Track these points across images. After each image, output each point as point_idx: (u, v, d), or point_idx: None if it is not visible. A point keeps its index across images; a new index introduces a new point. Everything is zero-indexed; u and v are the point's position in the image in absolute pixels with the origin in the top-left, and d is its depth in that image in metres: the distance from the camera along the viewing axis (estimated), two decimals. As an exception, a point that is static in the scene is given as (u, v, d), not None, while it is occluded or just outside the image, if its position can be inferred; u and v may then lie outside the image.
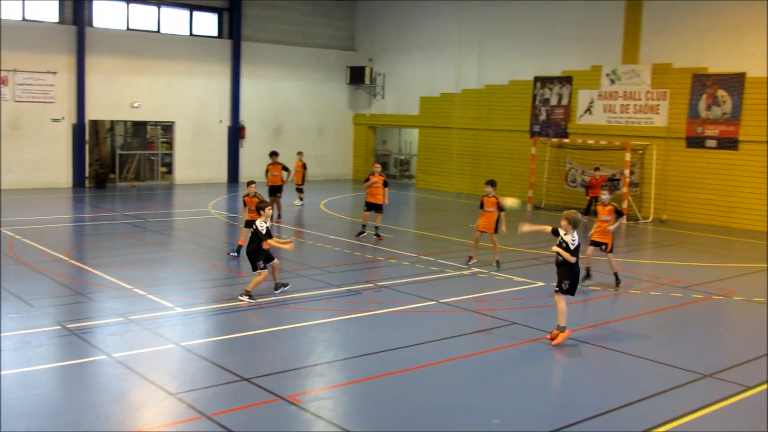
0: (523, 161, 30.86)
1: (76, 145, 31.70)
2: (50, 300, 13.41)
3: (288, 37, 37.85)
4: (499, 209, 17.24)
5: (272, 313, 13.11)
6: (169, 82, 34.17)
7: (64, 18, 31.50)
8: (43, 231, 20.64)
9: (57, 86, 31.22)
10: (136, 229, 21.58)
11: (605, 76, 28.77)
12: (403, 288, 15.08)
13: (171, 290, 14.38)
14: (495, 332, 12.26)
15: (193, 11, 35.16)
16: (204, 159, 35.58)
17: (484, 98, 33.39)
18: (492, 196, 17.40)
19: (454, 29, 34.55)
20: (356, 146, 40.42)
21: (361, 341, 11.69)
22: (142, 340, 11.35)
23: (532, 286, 15.59)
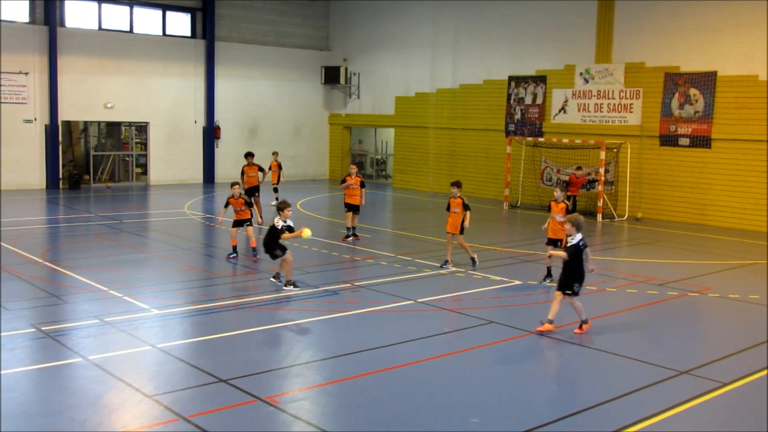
0: (499, 160, 30.96)
1: (49, 146, 31.42)
2: (25, 302, 13.27)
3: (262, 37, 37.74)
4: (464, 209, 17.10)
5: (249, 314, 13.05)
6: (143, 82, 33.95)
7: (36, 18, 31.20)
8: (17, 233, 20.43)
9: (29, 87, 30.92)
10: (111, 231, 21.42)
11: (579, 75, 28.94)
12: (380, 288, 15.08)
13: (147, 292, 14.29)
14: (472, 331, 12.29)
15: (166, 11, 34.95)
16: (179, 160, 35.39)
17: (459, 98, 33.46)
18: (458, 197, 17.24)
19: (428, 29, 34.61)
20: (332, 146, 40.38)
21: (338, 341, 11.67)
22: (118, 342, 11.25)
23: (509, 285, 15.64)
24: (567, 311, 13.78)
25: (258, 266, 17.09)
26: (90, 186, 33.08)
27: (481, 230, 23.64)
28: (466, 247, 17.49)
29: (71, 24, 32.22)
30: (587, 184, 27.25)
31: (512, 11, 31.23)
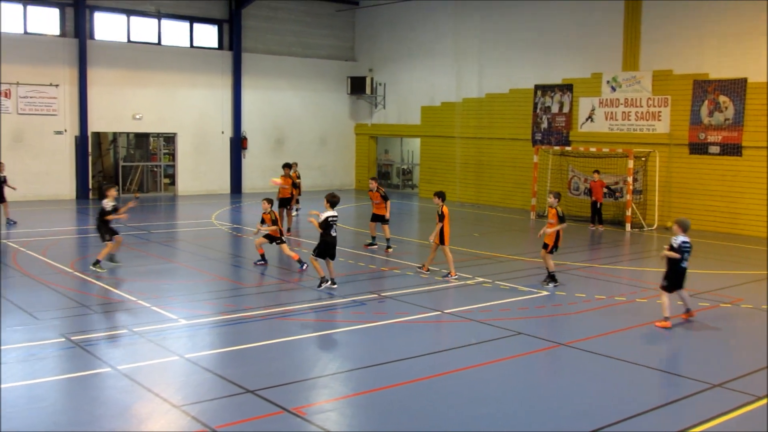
0: (526, 169, 30.82)
1: (79, 157, 31.73)
2: (55, 312, 13.37)
3: (288, 47, 37.90)
4: (439, 219, 16.98)
5: (277, 325, 13.05)
6: (171, 93, 34.21)
7: (66, 31, 31.56)
8: (48, 243, 20.62)
9: (59, 99, 31.27)
10: (140, 241, 21.55)
11: (606, 83, 28.77)
12: (407, 298, 15.03)
13: (175, 302, 14.34)
14: (500, 342, 12.19)
15: (193, 23, 35.21)
16: (206, 170, 35.59)
17: (485, 107, 33.38)
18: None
19: (453, 38, 34.59)
20: (358, 156, 40.43)
21: (365, 352, 11.63)
22: (146, 352, 11.30)
23: (537, 296, 15.52)
24: (589, 321, 13.66)
25: (286, 276, 17.11)
26: (119, 196, 33.30)
27: (509, 240, 23.55)
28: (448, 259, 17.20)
29: (100, 36, 32.55)
30: (612, 193, 27.05)
31: (538, 19, 31.13)
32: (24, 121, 30.53)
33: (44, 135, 31.09)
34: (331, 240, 15.43)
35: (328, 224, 15.35)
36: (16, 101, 30.28)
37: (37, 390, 9.59)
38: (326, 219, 15.35)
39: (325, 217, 15.35)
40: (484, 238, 23.75)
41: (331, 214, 15.43)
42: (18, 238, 21.31)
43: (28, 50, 30.54)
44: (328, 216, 15.39)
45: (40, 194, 30.98)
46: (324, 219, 15.33)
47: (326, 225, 15.35)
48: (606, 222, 26.98)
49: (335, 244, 15.61)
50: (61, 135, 31.48)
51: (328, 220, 15.36)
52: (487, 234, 24.74)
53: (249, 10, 36.05)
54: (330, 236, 15.37)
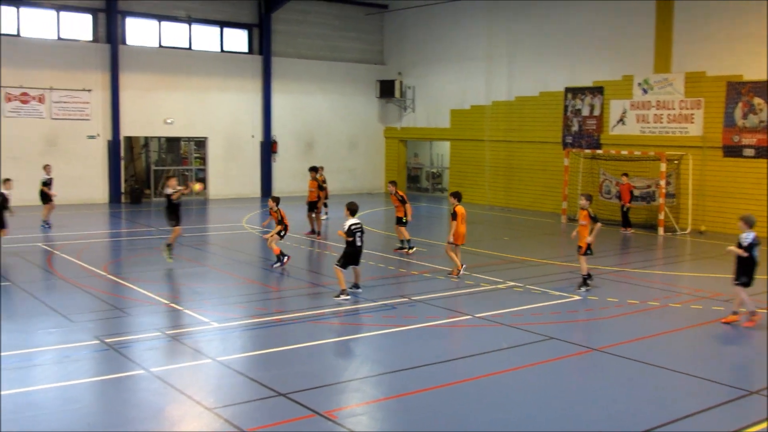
0: (557, 173, 30.65)
1: (111, 162, 32.05)
2: (89, 315, 13.52)
3: (317, 51, 38.04)
4: (452, 218, 17.46)
5: (308, 328, 13.08)
6: (202, 98, 34.46)
7: (98, 36, 31.91)
8: (81, 246, 20.84)
9: (92, 103, 31.62)
10: (171, 245, 21.68)
11: (637, 85, 28.53)
12: (437, 302, 15.00)
13: (207, 305, 14.43)
14: (532, 347, 12.13)
15: (224, 28, 35.45)
16: (237, 174, 35.79)
17: (515, 110, 33.26)
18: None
19: (483, 41, 34.50)
20: (388, 159, 40.44)
21: (396, 356, 11.62)
22: (179, 355, 11.38)
23: (569, 300, 15.42)
24: (623, 326, 13.54)
25: (316, 279, 17.16)
26: (151, 200, 33.61)
27: (539, 244, 23.43)
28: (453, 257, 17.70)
29: (132, 42, 32.88)
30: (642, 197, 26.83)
31: (568, 22, 30.96)
32: (58, 125, 30.91)
33: (77, 139, 31.44)
34: (357, 249, 15.12)
35: (352, 232, 15.03)
36: (50, 106, 30.67)
37: (71, 392, 9.70)
38: (350, 227, 15.05)
39: (348, 226, 15.06)
40: (514, 241, 23.66)
41: (353, 222, 15.14)
42: (53, 241, 21.56)
43: (62, 56, 30.93)
44: (351, 224, 15.09)
45: (74, 198, 31.31)
46: (348, 227, 15.04)
47: (350, 233, 15.03)
48: (638, 226, 26.79)
49: (360, 252, 15.30)
50: (94, 139, 31.82)
51: (352, 228, 15.06)
52: (518, 238, 24.64)
53: (279, 14, 36.22)
54: (355, 246, 15.06)
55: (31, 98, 30.28)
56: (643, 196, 27.20)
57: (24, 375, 10.32)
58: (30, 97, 30.23)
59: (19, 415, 8.86)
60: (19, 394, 9.54)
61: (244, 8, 35.71)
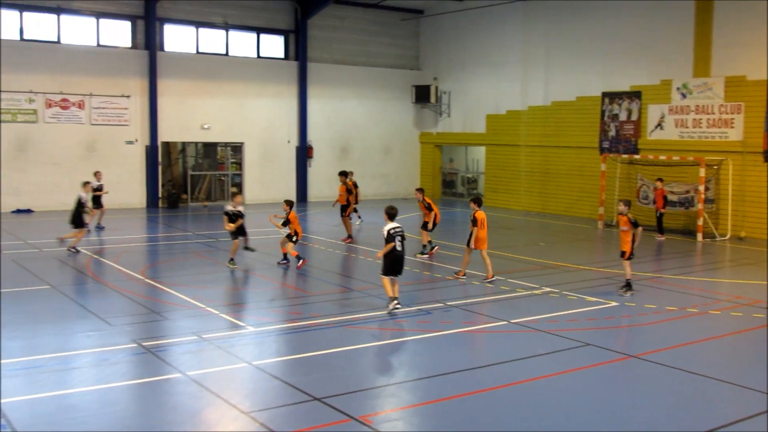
0: (593, 178, 30.40)
1: (149, 167, 32.40)
2: (127, 318, 13.66)
3: (353, 57, 38.15)
4: (473, 224, 17.73)
5: (343, 333, 13.09)
6: (238, 103, 34.72)
7: (137, 43, 32.30)
8: (119, 251, 21.08)
9: (130, 109, 32.01)
10: (208, 249, 21.88)
11: (676, 90, 28.23)
12: (473, 308, 14.95)
13: (243, 309, 14.51)
14: (568, 353, 12.03)
15: (260, 34, 35.68)
16: (273, 179, 35.98)
17: (551, 115, 33.08)
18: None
19: (519, 46, 34.37)
20: (423, 165, 40.41)
21: (432, 362, 11.59)
22: (215, 359, 11.45)
23: (606, 306, 15.28)
24: (662, 333, 13.38)
25: (351, 284, 17.18)
26: (188, 205, 33.89)
27: (576, 250, 23.25)
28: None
29: (170, 48, 33.24)
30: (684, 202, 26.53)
31: (605, 26, 30.73)
32: (97, 131, 31.32)
33: (116, 145, 31.82)
34: (398, 255, 14.36)
35: (391, 237, 14.34)
36: (89, 112, 31.08)
37: (109, 394, 9.80)
38: (389, 232, 14.38)
39: (387, 230, 14.40)
40: (550, 247, 23.50)
41: (392, 226, 14.46)
42: (91, 246, 21.82)
43: (101, 62, 31.34)
44: (390, 228, 14.41)
45: (112, 203, 31.55)
46: (387, 232, 14.39)
47: (390, 238, 14.36)
48: (677, 232, 26.52)
49: (402, 259, 14.49)
50: (132, 145, 32.19)
51: (390, 232, 14.37)
52: (554, 243, 24.48)
53: (315, 20, 36.40)
54: (395, 251, 14.34)
55: (71, 104, 30.72)
56: (682, 201, 26.89)
57: (63, 378, 10.46)
58: (70, 103, 30.68)
59: (58, 417, 8.97)
60: (59, 396, 9.67)
61: (281, 14, 35.93)
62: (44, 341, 12.13)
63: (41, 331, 12.74)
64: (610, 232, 27.19)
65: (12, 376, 10.37)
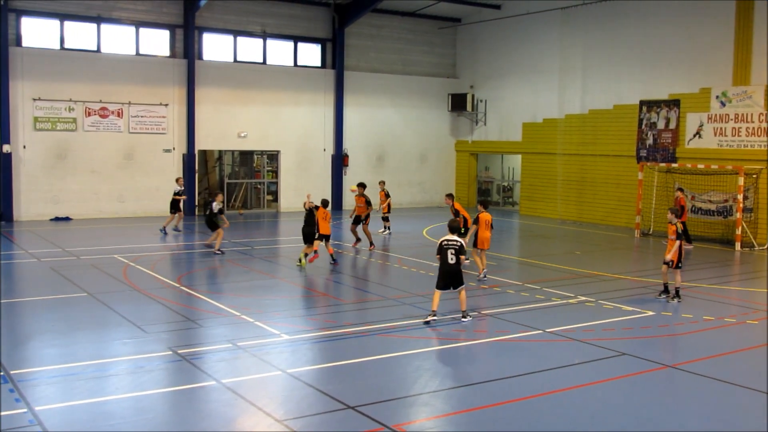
0: (630, 187, 30.14)
1: (186, 175, 32.63)
2: (162, 326, 13.78)
3: (389, 65, 38.21)
4: (473, 222, 19.00)
5: (377, 341, 13.10)
6: (275, 111, 34.92)
7: (176, 52, 32.64)
8: (156, 258, 21.29)
9: (168, 117, 32.33)
10: (244, 257, 22.00)
11: (715, 98, 27.89)
12: (508, 317, 14.88)
13: (277, 317, 14.57)
14: (604, 363, 11.93)
15: (298, 42, 35.87)
16: (308, 187, 35.91)
17: (588, 123, 32.85)
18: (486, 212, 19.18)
19: (556, 54, 34.21)
20: (459, 173, 40.32)
21: (466, 370, 11.56)
22: (249, 367, 11.51)
23: (642, 316, 15.12)
24: (699, 343, 13.21)
25: (385, 292, 17.18)
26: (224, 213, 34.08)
27: (612, 258, 23.05)
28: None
29: (208, 57, 33.55)
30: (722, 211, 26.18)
31: (643, 34, 30.48)
32: (135, 139, 31.67)
33: (154, 153, 32.15)
34: (447, 268, 14.18)
35: (442, 249, 14.27)
36: (128, 120, 31.44)
37: (145, 402, 9.88)
38: (441, 243, 14.32)
39: (440, 241, 14.39)
40: (586, 256, 23.33)
41: (446, 238, 14.32)
42: (128, 253, 22.06)
43: (140, 71, 31.71)
44: (443, 240, 14.32)
45: (150, 210, 32.01)
46: (439, 243, 14.39)
47: (440, 250, 14.32)
48: (714, 241, 26.21)
49: (453, 272, 14.21)
50: (170, 153, 32.51)
51: (443, 244, 14.28)
52: (590, 252, 24.29)
53: (352, 28, 36.54)
54: (446, 263, 14.19)
55: (110, 113, 31.11)
56: (720, 210, 26.57)
57: (99, 385, 10.57)
58: (109, 111, 31.07)
59: (94, 424, 9.07)
60: (95, 403, 9.77)
61: (318, 23, 36.10)
62: (81, 349, 12.27)
63: (78, 339, 12.89)
64: (647, 241, 26.93)
65: (49, 384, 10.51)
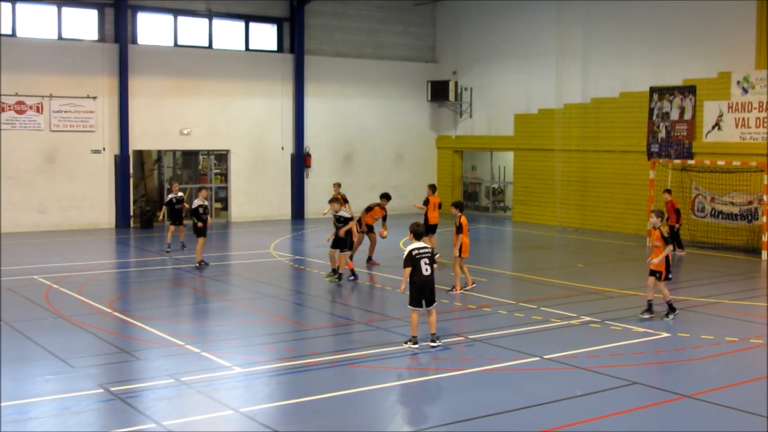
0: (640, 187, 30.37)
1: (119, 180, 32.43)
2: (92, 359, 13.68)
3: (358, 49, 38.29)
4: (457, 231, 19.32)
5: (346, 373, 13.10)
6: (224, 104, 34.85)
7: (105, 35, 32.48)
8: (83, 279, 21.15)
9: (97, 113, 32.12)
10: (188, 276, 21.92)
11: (736, 84, 28.22)
12: (499, 341, 14.93)
13: (228, 347, 14.53)
14: (612, 394, 12.01)
15: (249, 23, 35.87)
16: (264, 193, 36.05)
17: (590, 114, 33.08)
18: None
19: (553, 34, 34.42)
20: (441, 174, 40.42)
21: (451, 405, 11.58)
22: (196, 406, 11.48)
23: (656, 338, 15.25)
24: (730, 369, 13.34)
25: (357, 315, 17.18)
26: (164, 224, 33.95)
27: (620, 272, 23.23)
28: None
29: (144, 41, 33.41)
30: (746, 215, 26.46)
31: (653, 10, 30.76)
32: (57, 138, 31.43)
33: (80, 154, 31.92)
34: (424, 280, 14.19)
35: (414, 259, 14.23)
36: (49, 116, 31.21)
37: (73, 448, 9.83)
38: (410, 253, 14.28)
39: (408, 251, 14.32)
40: (590, 269, 23.49)
41: (415, 246, 14.35)
42: (50, 273, 21.90)
43: (63, 58, 31.50)
44: (413, 249, 14.31)
45: (76, 222, 31.77)
46: (407, 253, 14.28)
47: (411, 259, 14.24)
48: (738, 249, 26.48)
49: (430, 284, 14.27)
50: (100, 154, 32.29)
51: (414, 253, 14.24)
52: (594, 264, 24.46)
53: (313, 6, 36.58)
54: (420, 275, 14.18)
55: (28, 107, 30.88)
56: (744, 214, 26.86)
57: (18, 429, 10.47)
58: (27, 106, 30.84)
59: (12, 474, 9.01)
60: (13, 450, 9.71)
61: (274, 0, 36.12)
62: (-4, 386, 12.17)
63: (-8, 375, 12.78)
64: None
65: (-42, 428, 10.42)
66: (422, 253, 14.26)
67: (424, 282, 14.22)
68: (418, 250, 14.29)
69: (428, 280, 14.24)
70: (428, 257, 14.25)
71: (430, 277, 14.26)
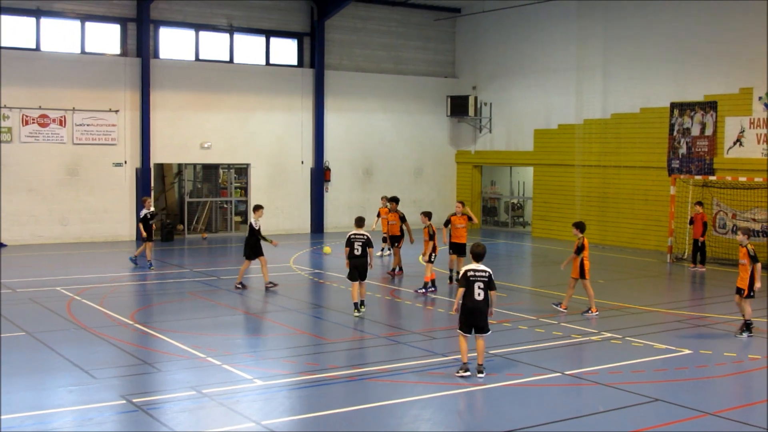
0: (661, 203, 30.26)
1: (139, 193, 32.52)
2: (114, 370, 13.73)
3: (378, 63, 38.37)
4: (577, 252, 19.49)
5: (367, 387, 13.09)
6: (244, 118, 34.97)
7: (127, 49, 32.66)
8: (105, 291, 21.23)
9: (119, 126, 32.29)
10: (209, 288, 21.97)
11: (758, 100, 28.11)
12: (520, 357, 14.89)
13: (249, 359, 14.54)
14: (633, 411, 11.94)
15: (270, 37, 36.00)
16: (284, 206, 36.10)
17: (610, 130, 33.02)
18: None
19: (573, 50, 34.41)
20: (460, 188, 40.41)
21: (472, 421, 11.55)
22: (216, 418, 11.48)
23: (677, 355, 15.16)
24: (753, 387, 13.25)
25: (378, 330, 17.17)
26: (184, 237, 34.06)
27: (641, 288, 23.13)
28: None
29: (166, 55, 33.60)
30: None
31: (674, 26, 30.70)
32: (80, 151, 31.62)
33: (102, 167, 32.09)
34: (473, 303, 13.70)
35: (467, 279, 13.75)
36: (72, 129, 31.39)
37: (95, 459, 9.86)
38: (465, 273, 13.85)
39: (464, 271, 13.90)
40: (610, 284, 23.38)
41: (473, 268, 13.79)
42: (72, 285, 22.00)
43: (86, 72, 31.69)
44: (468, 269, 13.83)
45: (97, 235, 31.92)
46: (463, 273, 13.91)
47: (466, 280, 13.78)
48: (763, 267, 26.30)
49: (480, 311, 13.72)
50: (121, 167, 32.46)
51: (467, 274, 13.79)
52: (615, 280, 24.35)
53: (333, 21, 36.70)
54: (472, 298, 13.69)
55: (51, 121, 31.08)
56: (765, 230, 26.71)
57: (41, 439, 10.53)
58: (50, 119, 31.05)
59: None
60: (35, 461, 9.74)
61: (294, 15, 36.25)
62: (18, 398, 12.17)
63: (15, 386, 12.78)
64: (681, 267, 27.02)
65: (-19, 438, 10.47)
66: (477, 276, 13.78)
67: (474, 306, 13.74)
68: (473, 272, 13.83)
69: (479, 305, 13.75)
70: (483, 281, 13.75)
71: (482, 303, 13.76)
